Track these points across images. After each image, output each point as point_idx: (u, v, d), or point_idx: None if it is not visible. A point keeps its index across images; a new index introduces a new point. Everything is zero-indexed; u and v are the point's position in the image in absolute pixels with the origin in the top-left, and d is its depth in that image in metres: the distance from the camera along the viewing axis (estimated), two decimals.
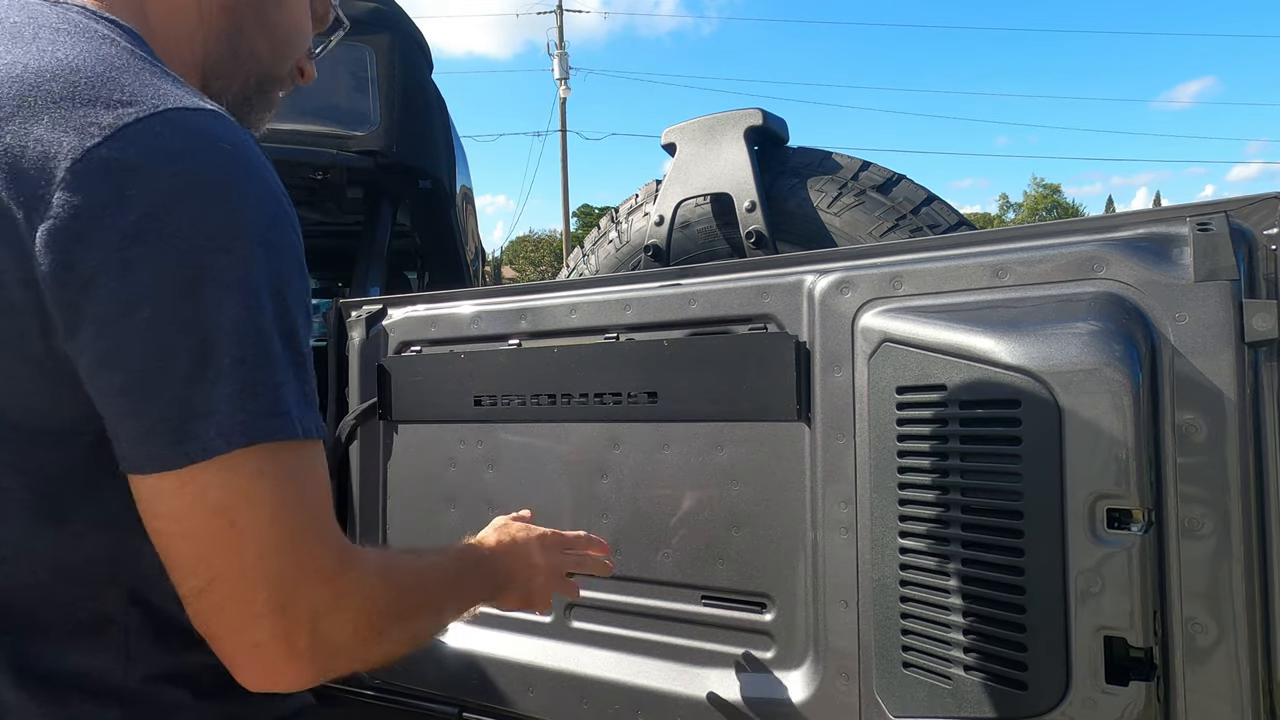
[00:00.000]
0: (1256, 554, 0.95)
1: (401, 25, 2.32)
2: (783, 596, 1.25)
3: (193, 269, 0.59)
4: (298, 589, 0.64)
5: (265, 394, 0.62)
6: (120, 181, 0.58)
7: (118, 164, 0.58)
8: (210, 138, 0.62)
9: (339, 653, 0.68)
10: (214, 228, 0.60)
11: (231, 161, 0.62)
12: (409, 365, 1.65)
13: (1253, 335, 0.95)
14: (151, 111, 0.60)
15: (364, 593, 0.69)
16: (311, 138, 2.18)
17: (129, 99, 0.61)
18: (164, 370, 0.59)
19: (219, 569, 0.62)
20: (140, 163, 0.59)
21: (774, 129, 2.01)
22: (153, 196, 0.58)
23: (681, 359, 1.33)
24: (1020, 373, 1.01)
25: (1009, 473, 1.02)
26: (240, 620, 0.63)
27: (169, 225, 0.58)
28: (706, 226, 2.10)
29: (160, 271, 0.58)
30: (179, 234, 0.58)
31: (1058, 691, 0.98)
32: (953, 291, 1.12)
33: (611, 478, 1.41)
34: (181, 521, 0.62)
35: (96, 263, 0.57)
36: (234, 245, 0.61)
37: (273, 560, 0.63)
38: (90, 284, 0.57)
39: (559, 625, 1.47)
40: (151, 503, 0.62)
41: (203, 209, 0.60)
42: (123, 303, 0.58)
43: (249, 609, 0.63)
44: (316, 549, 0.66)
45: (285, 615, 0.64)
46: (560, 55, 29.41)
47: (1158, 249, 1.02)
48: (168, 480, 0.60)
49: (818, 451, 1.21)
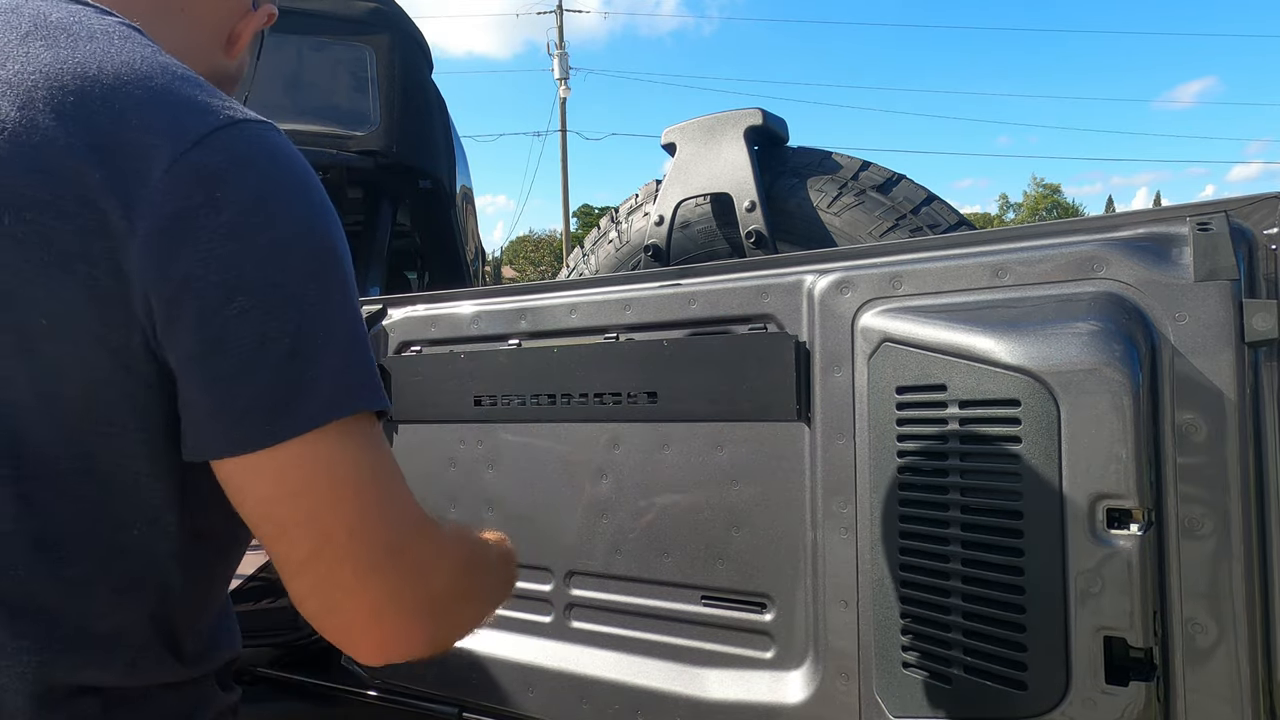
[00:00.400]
0: (1256, 554, 0.95)
1: (401, 25, 2.32)
2: (783, 596, 1.25)
3: (283, 260, 0.66)
4: (405, 541, 0.69)
5: (362, 366, 0.69)
6: (211, 186, 0.64)
7: (207, 169, 0.64)
8: (278, 148, 0.70)
9: (444, 611, 0.73)
10: (295, 225, 0.67)
11: (298, 168, 0.70)
12: (409, 365, 1.65)
13: (1253, 335, 0.95)
14: (229, 121, 0.67)
15: (454, 546, 0.76)
16: (311, 138, 2.18)
17: (204, 108, 0.67)
18: (269, 351, 0.64)
19: (330, 528, 0.66)
20: (227, 168, 0.65)
21: (774, 129, 2.01)
22: (241, 199, 0.65)
23: (681, 359, 1.33)
24: (1020, 373, 1.01)
25: (1009, 473, 1.02)
26: (355, 580, 0.67)
27: (257, 223, 0.65)
28: (706, 226, 2.10)
29: (255, 264, 0.64)
30: (265, 231, 0.65)
31: (1057, 692, 0.98)
32: (953, 291, 1.12)
33: (611, 478, 1.40)
34: (289, 489, 0.65)
35: (196, 260, 0.63)
36: (313, 240, 0.68)
37: (379, 515, 0.68)
38: (189, 280, 0.63)
39: (559, 625, 1.47)
40: (252, 479, 0.66)
41: (285, 209, 0.67)
42: (222, 295, 0.63)
43: (363, 564, 0.67)
44: (412, 505, 0.72)
45: (398, 568, 0.68)
46: (560, 55, 29.42)
47: (1158, 249, 1.02)
48: (276, 453, 0.65)
49: (818, 451, 1.21)
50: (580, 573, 1.44)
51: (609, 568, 1.41)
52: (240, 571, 2.50)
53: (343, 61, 2.24)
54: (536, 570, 1.49)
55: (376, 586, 0.67)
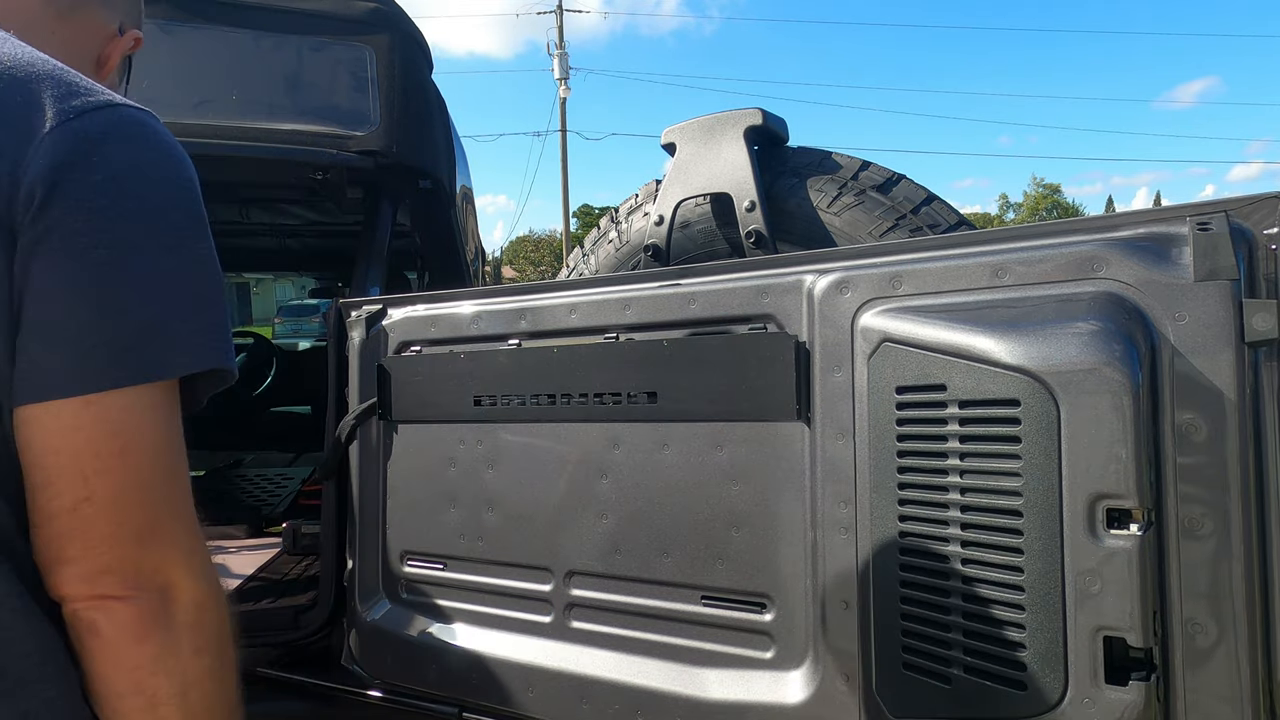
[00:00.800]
0: (1256, 554, 0.95)
1: (401, 25, 2.32)
2: (783, 596, 1.25)
3: (146, 224, 0.72)
4: (162, 529, 0.71)
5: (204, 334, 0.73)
6: (90, 148, 0.70)
7: (88, 134, 0.70)
8: (154, 129, 0.76)
9: (176, 616, 0.71)
10: (162, 197, 0.74)
11: (171, 149, 0.77)
12: (409, 365, 1.64)
13: (1253, 335, 0.95)
14: (110, 103, 0.74)
15: (211, 577, 0.75)
16: (311, 138, 2.18)
17: (89, 90, 0.74)
18: (109, 304, 0.68)
19: (96, 490, 0.67)
20: (106, 136, 0.71)
21: (774, 129, 2.01)
22: (116, 164, 0.71)
23: (681, 359, 1.33)
24: (1020, 373, 1.01)
25: (1009, 473, 1.02)
26: (101, 541, 0.68)
27: (128, 188, 0.71)
28: (706, 226, 2.10)
29: (120, 222, 0.70)
30: (134, 196, 0.71)
31: (1057, 692, 0.98)
32: (952, 291, 1.12)
33: (611, 478, 1.40)
34: (73, 442, 0.67)
35: (66, 209, 0.68)
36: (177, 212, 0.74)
37: (148, 493, 0.70)
38: (56, 225, 0.67)
39: (559, 625, 1.47)
40: (44, 427, 0.67)
41: (155, 181, 0.74)
42: (83, 244, 0.68)
43: (114, 532, 0.68)
44: (186, 502, 0.74)
45: (143, 547, 0.69)
46: (560, 55, 29.41)
47: (1158, 249, 1.02)
48: (73, 404, 0.67)
49: (818, 451, 1.20)
50: (580, 573, 1.44)
51: (609, 568, 1.41)
52: (240, 571, 2.51)
53: (343, 61, 2.24)
54: (536, 570, 1.49)
55: (121, 556, 0.69)
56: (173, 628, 0.71)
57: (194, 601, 0.73)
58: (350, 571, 1.73)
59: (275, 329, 14.64)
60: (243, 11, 2.13)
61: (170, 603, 0.71)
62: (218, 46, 2.13)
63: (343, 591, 1.75)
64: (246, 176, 2.59)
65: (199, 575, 0.74)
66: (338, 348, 1.78)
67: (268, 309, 18.41)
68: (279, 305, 18.35)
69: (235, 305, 9.26)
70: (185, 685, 0.72)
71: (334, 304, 1.81)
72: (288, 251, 4.03)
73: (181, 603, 0.72)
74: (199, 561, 0.75)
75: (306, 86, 2.19)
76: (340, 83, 2.25)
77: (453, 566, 1.59)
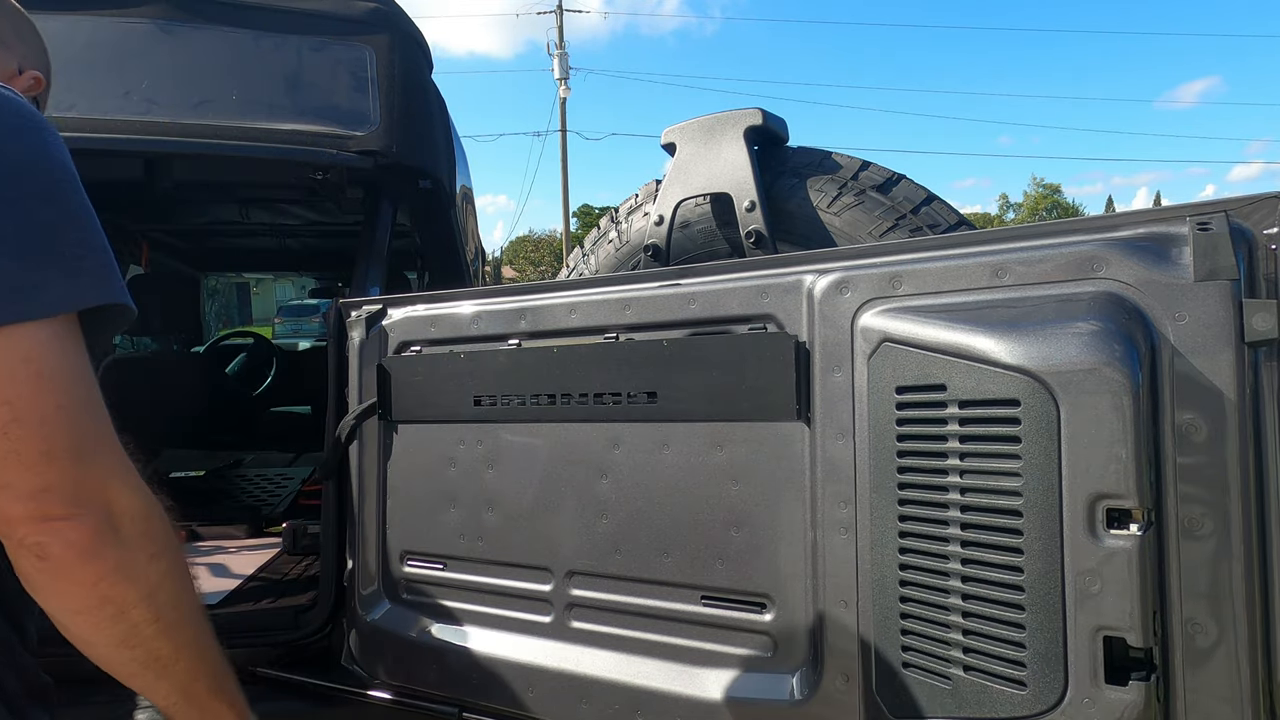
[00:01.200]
0: (1256, 554, 0.95)
1: (401, 25, 2.32)
2: (783, 596, 1.25)
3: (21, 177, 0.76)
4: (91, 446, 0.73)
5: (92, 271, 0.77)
6: None
7: None
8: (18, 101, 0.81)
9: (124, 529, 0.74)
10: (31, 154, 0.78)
11: (35, 117, 0.81)
12: (409, 365, 1.65)
13: (1253, 335, 0.95)
14: None
15: (147, 490, 0.77)
16: (311, 138, 2.18)
17: None
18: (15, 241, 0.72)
19: (22, 411, 0.70)
20: None
21: (774, 129, 2.01)
22: None
23: (681, 359, 1.33)
24: (1020, 373, 1.01)
25: (1009, 473, 1.02)
26: (38, 459, 0.70)
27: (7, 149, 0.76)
28: (706, 226, 2.10)
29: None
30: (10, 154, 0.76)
31: (1057, 691, 0.98)
32: (952, 291, 1.12)
33: (611, 478, 1.40)
34: None
35: None
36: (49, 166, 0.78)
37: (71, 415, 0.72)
38: None
39: (559, 625, 1.47)
40: None
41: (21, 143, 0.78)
42: None
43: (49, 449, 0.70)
44: (106, 424, 0.76)
45: (81, 464, 0.72)
46: (560, 55, 29.40)
47: (1158, 249, 1.02)
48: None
49: (817, 451, 1.20)
50: (580, 573, 1.44)
51: (609, 568, 1.41)
52: (240, 571, 2.50)
53: (343, 61, 2.24)
54: (536, 570, 1.49)
55: (59, 473, 0.70)
56: (123, 540, 0.74)
57: (139, 513, 0.76)
58: (350, 571, 1.73)
59: (275, 329, 14.63)
60: (243, 11, 2.13)
61: (115, 517, 0.74)
62: (218, 46, 2.13)
63: (343, 591, 1.75)
64: (246, 176, 2.59)
65: (136, 489, 0.76)
66: (338, 348, 1.78)
67: (268, 309, 18.40)
68: (279, 305, 18.33)
69: (235, 305, 9.24)
70: (150, 588, 0.76)
71: (334, 304, 1.81)
72: (288, 251, 4.03)
73: (128, 515, 0.75)
74: (135, 478, 0.77)
75: (306, 86, 2.19)
76: (340, 83, 2.25)
77: (453, 566, 1.59)
